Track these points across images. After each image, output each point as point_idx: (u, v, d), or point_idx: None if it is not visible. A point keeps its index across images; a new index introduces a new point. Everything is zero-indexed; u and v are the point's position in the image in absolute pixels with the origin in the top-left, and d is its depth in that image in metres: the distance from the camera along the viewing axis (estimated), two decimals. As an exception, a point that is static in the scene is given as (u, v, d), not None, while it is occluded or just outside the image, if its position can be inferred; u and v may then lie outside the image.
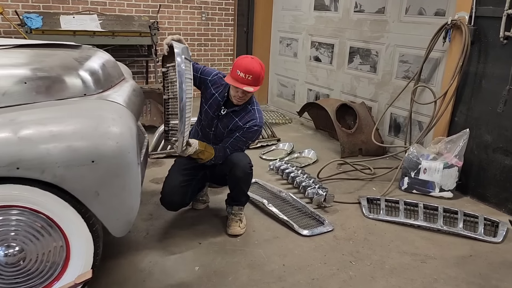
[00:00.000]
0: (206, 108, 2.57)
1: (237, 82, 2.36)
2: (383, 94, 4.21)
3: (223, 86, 2.54)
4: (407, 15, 3.87)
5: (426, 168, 3.26)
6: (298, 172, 3.37)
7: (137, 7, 5.46)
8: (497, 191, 3.13)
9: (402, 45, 3.95)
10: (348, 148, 4.06)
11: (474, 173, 3.28)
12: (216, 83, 2.55)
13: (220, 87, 2.55)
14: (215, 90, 2.55)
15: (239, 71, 2.35)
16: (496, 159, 3.12)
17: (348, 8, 4.48)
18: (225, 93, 2.52)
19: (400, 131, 4.09)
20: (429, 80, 3.70)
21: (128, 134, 1.70)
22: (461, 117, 3.35)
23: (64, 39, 4.70)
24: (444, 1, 3.52)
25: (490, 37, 3.08)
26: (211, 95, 2.55)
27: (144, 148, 2.35)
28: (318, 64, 5.03)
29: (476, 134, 3.23)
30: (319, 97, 5.08)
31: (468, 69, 3.25)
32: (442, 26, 3.37)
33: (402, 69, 3.99)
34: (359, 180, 3.57)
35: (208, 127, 2.61)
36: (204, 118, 2.61)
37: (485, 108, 3.16)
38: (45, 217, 1.69)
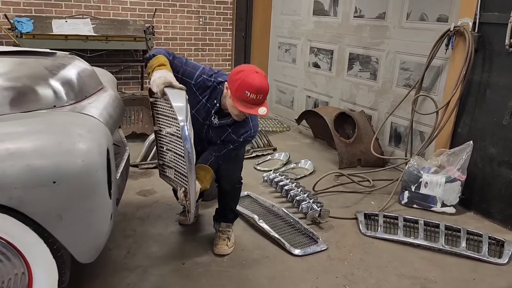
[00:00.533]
0: (193, 112, 2.24)
1: (248, 107, 2.02)
2: (383, 102, 4.05)
3: (210, 91, 2.21)
4: (408, 20, 3.71)
5: (427, 182, 3.09)
6: (292, 185, 3.21)
7: (132, 11, 5.34)
8: (502, 207, 2.96)
9: (403, 52, 3.79)
10: (346, 159, 3.90)
11: (478, 188, 3.10)
12: (202, 87, 2.21)
13: (207, 92, 2.22)
14: (202, 96, 2.23)
15: (249, 93, 1.98)
16: (502, 173, 2.94)
17: (348, 13, 4.33)
18: (215, 102, 2.22)
19: (401, 141, 3.92)
20: (431, 88, 3.54)
21: (96, 151, 1.55)
22: (465, 128, 3.18)
23: (55, 44, 4.57)
24: (447, 7, 3.36)
25: (495, 44, 2.92)
26: (198, 101, 2.24)
27: (124, 161, 2.20)
28: (317, 70, 4.88)
29: (480, 147, 3.06)
30: (318, 104, 4.92)
31: (472, 78, 3.09)
32: (444, 32, 3.21)
33: (403, 76, 3.83)
34: (357, 193, 3.41)
35: (197, 129, 2.28)
36: (192, 118, 2.22)
37: (490, 119, 2.99)
38: (4, 241, 1.54)
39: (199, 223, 2.79)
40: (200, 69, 2.21)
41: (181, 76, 2.19)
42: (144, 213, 2.87)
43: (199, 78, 2.20)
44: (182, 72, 2.20)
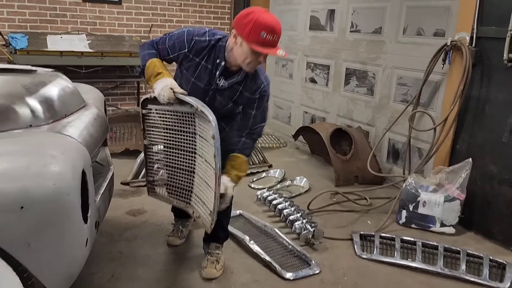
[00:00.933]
0: (192, 80, 2.05)
1: (267, 48, 1.84)
2: (381, 118, 3.97)
3: (208, 51, 1.99)
4: (404, 35, 3.65)
5: (426, 201, 2.99)
6: (286, 204, 3.11)
7: (129, 27, 5.33)
8: (503, 227, 2.85)
9: (400, 67, 3.73)
10: (343, 176, 3.80)
11: (478, 207, 3.00)
12: (197, 50, 2.00)
13: (205, 52, 2.00)
14: (199, 58, 2.01)
15: (265, 33, 1.81)
16: (502, 191, 2.84)
17: (344, 28, 4.29)
18: (218, 61, 1.99)
19: (399, 158, 3.83)
20: (428, 104, 3.46)
21: (70, 173, 1.47)
22: (463, 145, 3.09)
23: (50, 60, 4.55)
24: (444, 21, 3.30)
25: (493, 59, 2.84)
26: (196, 66, 2.03)
27: (106, 181, 2.12)
28: (314, 85, 4.82)
29: (480, 164, 2.96)
30: (315, 120, 4.85)
31: (470, 94, 3.01)
32: (441, 47, 3.14)
33: (400, 92, 3.75)
34: (353, 212, 3.30)
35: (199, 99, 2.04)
36: (191, 90, 2.03)
37: (489, 136, 2.90)
38: (-31, 270, 1.45)
39: (188, 243, 2.69)
40: (188, 33, 2.01)
41: (172, 56, 2.07)
42: (132, 234, 2.78)
43: (191, 42, 2.00)
44: (171, 51, 2.05)
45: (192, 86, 2.07)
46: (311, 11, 4.74)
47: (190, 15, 5.60)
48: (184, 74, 2.10)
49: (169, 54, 2.06)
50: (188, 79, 2.08)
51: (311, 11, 4.74)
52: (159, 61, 2.03)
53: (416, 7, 3.53)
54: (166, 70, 2.00)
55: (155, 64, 1.99)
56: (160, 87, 1.91)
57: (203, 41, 1.99)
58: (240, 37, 1.88)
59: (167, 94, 1.89)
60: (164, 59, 2.09)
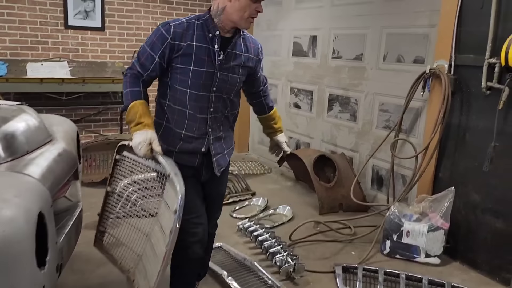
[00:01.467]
0: (192, 69, 1.83)
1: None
2: (364, 144, 3.93)
3: (193, 30, 1.83)
4: (385, 62, 3.65)
5: (409, 230, 2.92)
6: (267, 235, 3.02)
7: (112, 53, 5.29)
8: (488, 257, 2.78)
9: (381, 93, 3.71)
10: (327, 204, 3.73)
11: (462, 236, 2.93)
12: (181, 35, 1.81)
13: (191, 33, 1.82)
14: (189, 41, 1.82)
15: None
16: (486, 221, 2.79)
17: (326, 54, 4.29)
18: (209, 34, 1.83)
19: (383, 185, 3.77)
20: (410, 130, 3.43)
21: (22, 218, 1.38)
22: (446, 173, 3.05)
23: (30, 87, 4.49)
24: (423, 49, 3.30)
25: (472, 87, 2.83)
26: (189, 50, 1.82)
27: (73, 219, 2.03)
28: (298, 111, 4.79)
29: (463, 193, 2.91)
30: (299, 145, 4.80)
31: (451, 121, 2.98)
32: (420, 74, 3.13)
33: (383, 118, 3.73)
34: (337, 242, 3.22)
35: (205, 91, 1.88)
36: (194, 85, 1.85)
37: (471, 164, 2.86)
38: None
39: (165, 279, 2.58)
40: (161, 25, 1.84)
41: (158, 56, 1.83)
42: (107, 271, 2.65)
43: (170, 30, 1.81)
44: (154, 51, 1.83)
45: (194, 79, 1.84)
46: (293, 37, 4.76)
47: (174, 41, 5.59)
48: (178, 75, 1.85)
49: (154, 57, 1.82)
50: (185, 74, 1.84)
51: (294, 37, 4.75)
52: (143, 104, 1.84)
53: (395, 34, 3.54)
54: (148, 118, 1.83)
55: (137, 109, 1.81)
56: (138, 140, 1.78)
57: (180, 23, 1.83)
58: None
59: (144, 150, 1.78)
60: (152, 73, 1.86)
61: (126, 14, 5.27)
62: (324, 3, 4.27)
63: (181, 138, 1.94)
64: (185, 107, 1.90)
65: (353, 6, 3.92)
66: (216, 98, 1.92)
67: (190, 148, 1.96)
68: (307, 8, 4.53)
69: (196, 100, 1.89)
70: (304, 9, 4.59)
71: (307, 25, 4.53)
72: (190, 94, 1.87)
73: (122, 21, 5.26)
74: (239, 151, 5.62)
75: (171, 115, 1.93)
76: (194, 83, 1.85)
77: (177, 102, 1.90)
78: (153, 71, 1.87)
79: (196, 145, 1.96)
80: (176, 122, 1.93)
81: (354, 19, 3.93)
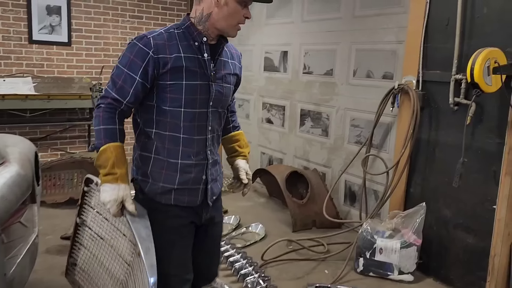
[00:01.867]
0: (184, 84, 1.57)
1: None
2: (336, 159, 3.91)
3: (176, 40, 1.58)
4: (355, 77, 3.66)
5: (382, 248, 2.89)
6: (238, 256, 2.93)
7: (79, 68, 5.14)
8: (461, 273, 2.77)
9: (352, 108, 3.71)
10: (300, 221, 3.67)
11: (435, 252, 2.92)
12: (163, 46, 1.55)
13: (174, 43, 1.57)
14: (175, 52, 1.56)
15: None
16: (458, 236, 2.78)
17: (297, 70, 4.28)
18: (195, 43, 1.60)
19: (356, 201, 3.75)
20: (381, 146, 3.43)
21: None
22: (417, 188, 3.05)
23: (-10, 104, 4.29)
24: (391, 65, 3.32)
25: (440, 103, 2.85)
26: (177, 63, 1.56)
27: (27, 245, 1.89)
28: (270, 126, 4.75)
29: (434, 208, 2.90)
30: (272, 161, 4.75)
31: (420, 137, 2.99)
32: (389, 90, 3.15)
33: (354, 133, 3.72)
34: (310, 260, 3.15)
35: (202, 107, 1.63)
36: (189, 103, 1.60)
37: (441, 179, 2.86)
38: None
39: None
40: (137, 40, 1.55)
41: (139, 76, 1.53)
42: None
43: (149, 42, 1.53)
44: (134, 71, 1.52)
45: (188, 95, 1.58)
46: (265, 52, 4.74)
47: (144, 56, 5.48)
48: (168, 94, 1.58)
49: (134, 78, 1.52)
50: (177, 91, 1.57)
51: (265, 52, 4.74)
52: (118, 149, 1.54)
53: (364, 50, 3.56)
54: (122, 167, 1.53)
55: (110, 155, 1.51)
56: (108, 198, 1.49)
57: (159, 34, 1.57)
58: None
59: (114, 210, 1.50)
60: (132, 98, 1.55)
61: (94, 28, 5.15)
62: (294, 19, 4.28)
63: (177, 169, 1.63)
64: (178, 131, 1.62)
65: (323, 22, 3.94)
66: (213, 114, 1.68)
67: (190, 179, 1.65)
68: (278, 23, 4.53)
69: (193, 119, 1.62)
70: (275, 24, 4.59)
71: (278, 40, 4.52)
72: (186, 114, 1.60)
73: (90, 36, 5.14)
74: (211, 167, 5.51)
75: (161, 144, 1.62)
76: (189, 100, 1.59)
77: (168, 127, 1.61)
78: (134, 96, 1.55)
79: (197, 174, 1.66)
80: (169, 151, 1.62)
81: (324, 35, 3.95)
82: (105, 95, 1.56)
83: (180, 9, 5.66)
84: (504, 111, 2.49)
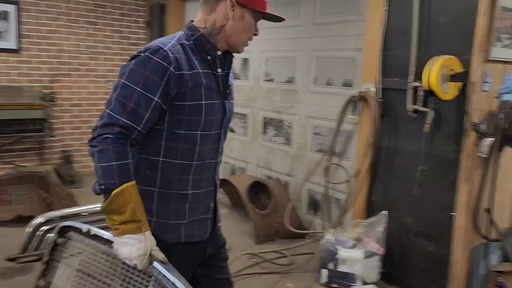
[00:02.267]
0: (205, 103, 1.38)
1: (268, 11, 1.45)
2: (299, 168, 3.86)
3: (187, 49, 1.38)
4: (316, 85, 3.63)
5: (345, 258, 2.84)
6: (197, 273, 2.79)
7: (30, 76, 4.87)
8: (423, 281, 2.76)
9: (314, 116, 3.67)
10: (263, 232, 3.58)
11: (397, 261, 2.90)
12: (181, 59, 1.33)
13: (188, 57, 1.37)
14: (194, 66, 1.37)
15: None
16: (419, 244, 2.77)
17: (258, 77, 4.21)
18: (208, 57, 1.41)
19: (319, 209, 3.70)
20: (343, 154, 3.40)
21: None
22: (378, 196, 3.02)
23: None
24: (351, 72, 3.31)
25: (399, 110, 2.84)
26: (198, 79, 1.36)
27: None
28: (232, 135, 4.65)
29: (396, 216, 2.88)
30: (235, 170, 4.65)
31: (381, 144, 2.97)
32: (349, 98, 3.12)
33: (316, 141, 3.68)
34: (274, 273, 3.07)
35: (217, 128, 1.45)
36: (207, 125, 1.40)
37: (402, 187, 2.85)
38: None
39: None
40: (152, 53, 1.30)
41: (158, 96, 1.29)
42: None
43: (167, 58, 1.30)
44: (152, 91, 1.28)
45: (208, 116, 1.38)
46: (226, 60, 4.65)
47: (101, 63, 5.27)
48: (185, 117, 1.36)
49: (152, 99, 1.28)
50: (197, 113, 1.37)
51: (226, 59, 4.64)
52: (135, 189, 1.27)
53: (324, 57, 3.53)
54: (143, 212, 1.28)
55: (130, 198, 1.25)
56: (136, 253, 1.23)
57: (173, 46, 1.34)
58: (241, 7, 1.39)
59: (144, 265, 1.25)
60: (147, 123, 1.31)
61: (45, 35, 4.90)
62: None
63: (187, 201, 1.42)
64: (191, 158, 1.40)
65: (283, 29, 3.88)
66: (223, 135, 1.50)
67: (200, 209, 1.46)
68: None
69: (207, 143, 1.42)
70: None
71: (239, 48, 4.44)
72: (202, 138, 1.40)
73: (41, 43, 4.88)
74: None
75: (170, 174, 1.39)
76: (207, 122, 1.39)
77: (180, 154, 1.39)
78: (150, 121, 1.30)
79: (205, 203, 1.48)
80: (179, 182, 1.41)
81: (284, 42, 3.90)
82: (111, 121, 1.26)
83: (138, 15, 5.49)
84: (461, 118, 2.50)
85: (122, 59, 5.40)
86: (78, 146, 5.22)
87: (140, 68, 1.28)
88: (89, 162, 5.28)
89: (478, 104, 2.48)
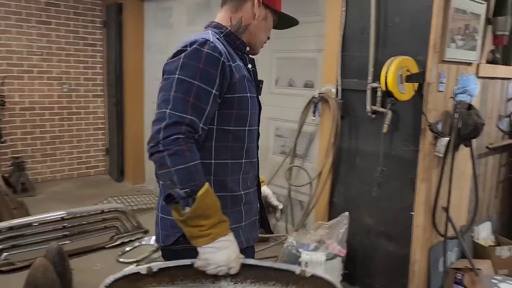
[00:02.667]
0: (249, 95, 1.35)
1: None
2: (262, 171, 3.74)
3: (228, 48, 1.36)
4: (277, 86, 3.60)
5: (308, 261, 2.80)
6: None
7: (-24, 78, 4.58)
8: (385, 281, 2.77)
9: (275, 118, 3.64)
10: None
11: (359, 261, 2.90)
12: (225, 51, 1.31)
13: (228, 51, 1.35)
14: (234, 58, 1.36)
15: None
16: (380, 244, 2.78)
17: (219, 79, 4.14)
18: (238, 52, 1.41)
19: (283, 212, 3.66)
20: (305, 156, 3.38)
21: None
22: (340, 198, 3.02)
23: None
24: (312, 73, 3.29)
25: (359, 111, 2.85)
26: (241, 71, 1.34)
27: None
28: (194, 138, 4.55)
29: (357, 217, 2.88)
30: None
31: (342, 145, 2.97)
32: (310, 99, 3.10)
33: (279, 144, 3.64)
34: (236, 279, 2.99)
35: (257, 123, 1.46)
36: (253, 119, 1.39)
37: (362, 188, 2.85)
38: None
39: None
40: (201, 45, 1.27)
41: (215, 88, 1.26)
42: None
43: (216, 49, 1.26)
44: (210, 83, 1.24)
45: (253, 109, 1.36)
46: (186, 61, 4.54)
47: (54, 64, 5.04)
48: (234, 111, 1.32)
49: (211, 92, 1.23)
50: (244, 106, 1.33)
51: (187, 61, 4.54)
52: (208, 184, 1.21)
53: (285, 58, 3.50)
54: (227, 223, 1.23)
55: (214, 198, 1.20)
56: (234, 255, 1.16)
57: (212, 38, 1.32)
58: (265, 7, 1.41)
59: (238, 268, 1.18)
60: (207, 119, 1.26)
61: (-7, 35, 4.63)
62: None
63: (242, 202, 1.38)
64: (240, 157, 1.36)
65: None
66: (258, 131, 1.50)
67: (252, 210, 1.43)
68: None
69: (252, 140, 1.40)
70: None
71: (199, 49, 4.35)
72: (249, 134, 1.37)
73: (-11, 43, 4.61)
74: (133, 182, 5.18)
75: (223, 176, 1.33)
76: (252, 116, 1.36)
77: (230, 154, 1.34)
78: (209, 116, 1.26)
79: (255, 203, 1.45)
80: (232, 183, 1.35)
81: (245, 43, 3.84)
82: (176, 120, 1.18)
83: (95, 15, 5.28)
84: (418, 119, 2.52)
85: (78, 60, 5.19)
86: (30, 152, 4.96)
87: (193, 61, 1.24)
88: (43, 169, 5.05)
89: (434, 104, 2.51)
